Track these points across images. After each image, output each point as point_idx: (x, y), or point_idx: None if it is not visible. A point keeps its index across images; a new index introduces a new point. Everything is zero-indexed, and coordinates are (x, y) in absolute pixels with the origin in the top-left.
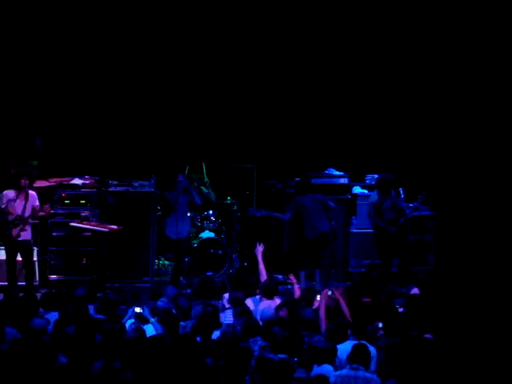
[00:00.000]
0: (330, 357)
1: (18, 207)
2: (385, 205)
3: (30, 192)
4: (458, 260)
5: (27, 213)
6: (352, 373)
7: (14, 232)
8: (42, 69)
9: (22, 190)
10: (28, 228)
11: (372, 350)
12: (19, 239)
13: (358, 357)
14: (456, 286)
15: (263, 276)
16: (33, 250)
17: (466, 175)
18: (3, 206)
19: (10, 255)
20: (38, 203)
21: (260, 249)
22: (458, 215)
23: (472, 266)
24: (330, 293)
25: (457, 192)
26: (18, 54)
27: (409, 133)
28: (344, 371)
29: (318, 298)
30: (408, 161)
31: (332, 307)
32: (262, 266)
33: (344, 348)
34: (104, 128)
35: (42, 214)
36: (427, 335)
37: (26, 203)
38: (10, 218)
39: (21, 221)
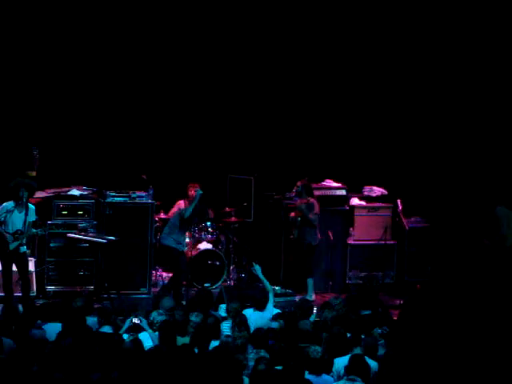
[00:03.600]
0: (328, 367)
1: (17, 220)
2: None
3: (29, 206)
4: (455, 271)
5: (27, 227)
6: None
7: (13, 246)
8: (37, 78)
9: (20, 202)
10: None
11: (373, 364)
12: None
13: (355, 368)
14: (453, 297)
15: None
16: (28, 261)
17: (464, 186)
18: (1, 219)
19: (6, 266)
20: (34, 218)
21: (258, 268)
22: (455, 226)
23: (470, 277)
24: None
25: (454, 203)
26: (14, 64)
27: (406, 144)
28: (341, 382)
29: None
30: (405, 172)
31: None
32: (265, 282)
33: (343, 361)
34: (101, 138)
35: None
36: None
37: (25, 217)
38: (9, 230)
39: (21, 235)
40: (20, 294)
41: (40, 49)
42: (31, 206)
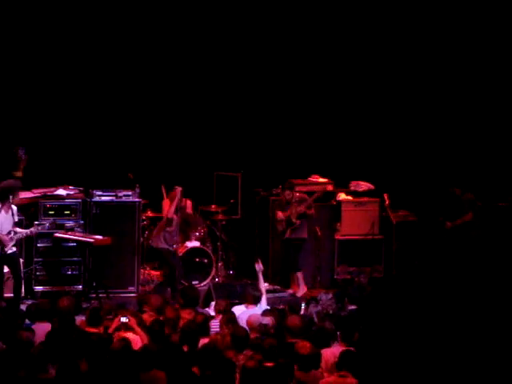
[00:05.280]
0: (316, 362)
1: (6, 222)
2: None
3: (13, 206)
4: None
5: (15, 226)
6: (340, 380)
7: (7, 245)
8: (23, 78)
9: (7, 203)
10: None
11: None
12: (8, 252)
13: (346, 363)
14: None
15: (263, 294)
16: (19, 261)
17: (451, 181)
18: None
19: None
20: (17, 219)
21: (260, 266)
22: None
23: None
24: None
25: (441, 197)
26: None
27: (393, 138)
28: (332, 378)
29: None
30: (392, 167)
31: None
32: (262, 285)
33: (330, 353)
34: (87, 138)
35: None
36: None
37: (12, 217)
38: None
39: (15, 235)
40: (9, 295)
41: (27, 48)
42: (14, 207)
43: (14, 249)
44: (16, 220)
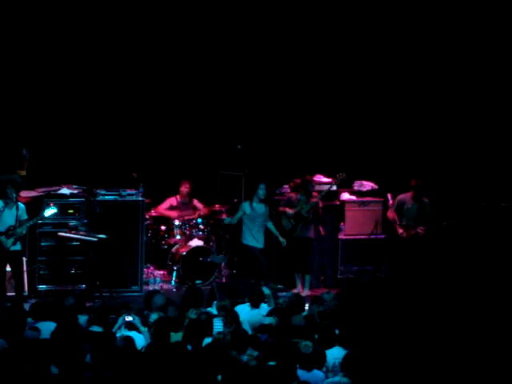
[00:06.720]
0: (319, 362)
1: (8, 219)
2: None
3: (19, 204)
4: (445, 264)
5: (19, 224)
6: (345, 380)
7: (9, 243)
8: (27, 78)
9: (9, 201)
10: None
11: None
12: (11, 249)
13: (350, 364)
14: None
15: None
16: (22, 260)
17: (454, 180)
18: None
19: (0, 266)
20: (26, 216)
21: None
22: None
23: (459, 270)
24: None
25: (445, 197)
26: (2, 64)
27: (396, 138)
28: (336, 378)
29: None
30: (396, 166)
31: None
32: (272, 301)
33: (332, 353)
34: (91, 137)
35: None
36: None
37: (17, 213)
38: (2, 229)
39: (14, 230)
40: (12, 294)
41: (29, 48)
42: (21, 205)
43: (18, 247)
44: (25, 218)
